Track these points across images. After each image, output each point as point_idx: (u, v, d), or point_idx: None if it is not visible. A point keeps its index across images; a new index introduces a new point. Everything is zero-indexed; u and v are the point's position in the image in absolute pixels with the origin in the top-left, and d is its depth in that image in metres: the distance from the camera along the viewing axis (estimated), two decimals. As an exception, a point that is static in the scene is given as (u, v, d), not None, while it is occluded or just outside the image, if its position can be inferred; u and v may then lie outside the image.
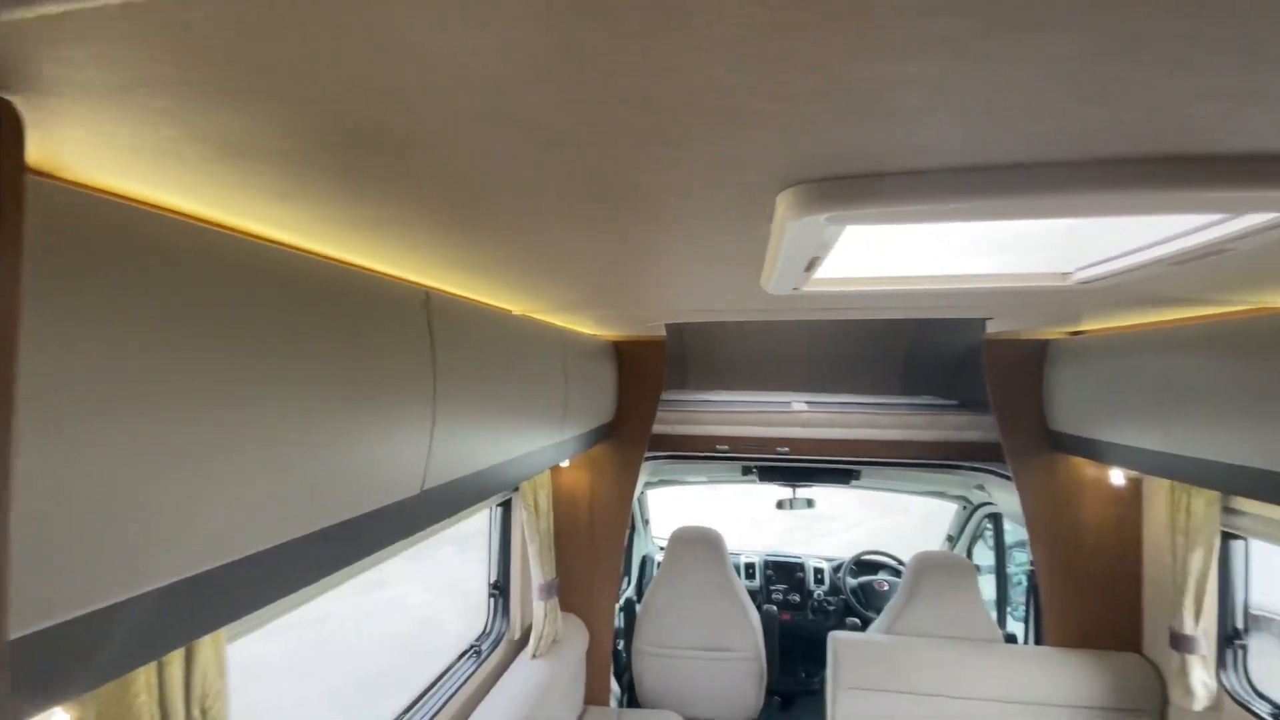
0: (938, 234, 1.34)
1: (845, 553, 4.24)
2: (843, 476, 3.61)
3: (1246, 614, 2.09)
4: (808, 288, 1.19)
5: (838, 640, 2.59)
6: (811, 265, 0.98)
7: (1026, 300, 1.68)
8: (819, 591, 4.05)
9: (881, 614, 2.80)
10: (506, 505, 2.55)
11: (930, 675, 2.46)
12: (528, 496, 2.39)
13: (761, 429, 3.09)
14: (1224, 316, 1.68)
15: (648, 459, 3.39)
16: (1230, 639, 2.10)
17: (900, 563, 4.07)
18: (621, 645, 3.39)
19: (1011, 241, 1.37)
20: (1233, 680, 2.08)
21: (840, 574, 4.08)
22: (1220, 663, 2.11)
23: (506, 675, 2.32)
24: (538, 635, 2.47)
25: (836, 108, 0.50)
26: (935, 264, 1.42)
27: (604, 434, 2.77)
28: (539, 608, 2.48)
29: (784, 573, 4.18)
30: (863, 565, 4.12)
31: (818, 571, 4.16)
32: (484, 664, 2.33)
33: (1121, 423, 2.07)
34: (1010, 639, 2.85)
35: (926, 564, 2.67)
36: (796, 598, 4.05)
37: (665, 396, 3.38)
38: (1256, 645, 2.12)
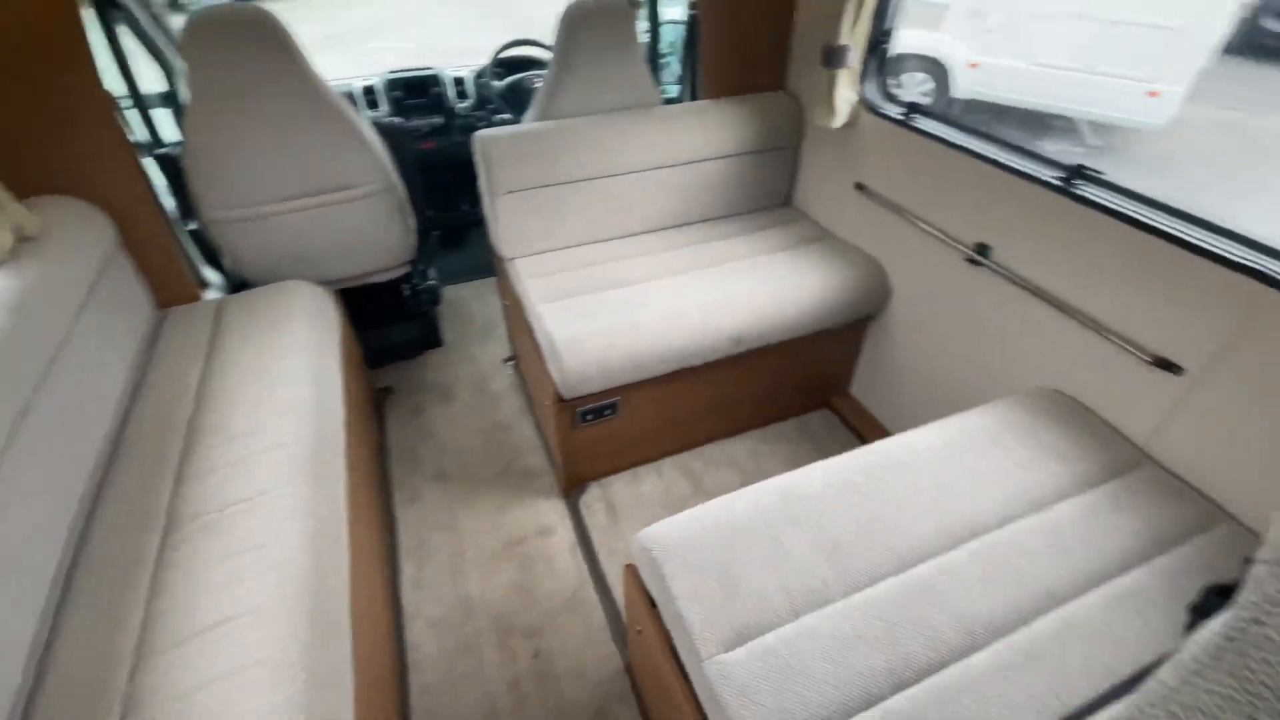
0: None
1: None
2: None
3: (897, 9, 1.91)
4: None
5: (483, 140, 1.99)
6: None
7: None
8: (463, 106, 3.30)
9: (532, 100, 2.21)
10: None
11: (591, 159, 2.07)
12: None
13: None
14: None
15: None
16: (876, 44, 1.96)
17: (551, 50, 3.38)
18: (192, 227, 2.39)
19: None
20: (871, 90, 2.02)
21: (483, 78, 3.31)
22: (862, 75, 2.01)
23: None
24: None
25: None
26: None
27: None
28: None
29: (416, 93, 3.27)
30: (508, 65, 3.37)
31: (458, 82, 3.33)
32: None
33: None
34: (668, 103, 2.55)
35: (579, 12, 1.99)
36: (439, 119, 3.27)
37: None
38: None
